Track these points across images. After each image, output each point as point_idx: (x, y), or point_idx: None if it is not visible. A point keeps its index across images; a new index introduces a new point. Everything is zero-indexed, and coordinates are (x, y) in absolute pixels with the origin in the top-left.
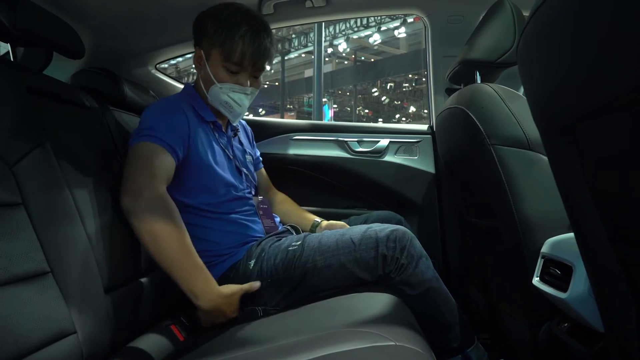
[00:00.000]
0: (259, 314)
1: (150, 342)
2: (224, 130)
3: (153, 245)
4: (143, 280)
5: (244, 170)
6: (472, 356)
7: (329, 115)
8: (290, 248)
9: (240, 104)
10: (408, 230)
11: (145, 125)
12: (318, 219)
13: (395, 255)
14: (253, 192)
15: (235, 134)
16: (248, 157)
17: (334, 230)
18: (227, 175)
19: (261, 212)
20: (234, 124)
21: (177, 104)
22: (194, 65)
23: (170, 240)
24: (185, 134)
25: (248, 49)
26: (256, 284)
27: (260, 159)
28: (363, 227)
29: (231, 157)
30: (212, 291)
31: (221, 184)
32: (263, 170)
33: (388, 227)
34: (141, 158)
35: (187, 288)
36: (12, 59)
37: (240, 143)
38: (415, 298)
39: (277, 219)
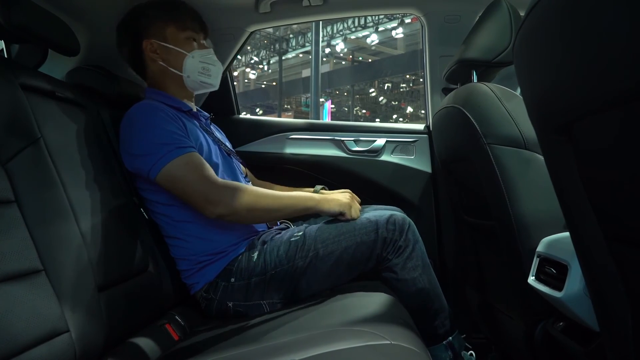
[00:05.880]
0: (265, 309)
1: (145, 341)
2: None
3: (260, 214)
4: (137, 278)
5: (234, 157)
6: (455, 343)
7: (326, 113)
8: (292, 239)
9: (214, 64)
10: (406, 216)
11: (146, 141)
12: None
13: (394, 237)
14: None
15: (210, 122)
16: (229, 146)
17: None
18: (219, 162)
19: None
20: (217, 88)
21: (155, 105)
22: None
23: (260, 202)
24: (183, 127)
25: (193, 14)
26: None
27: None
28: (362, 214)
29: (218, 143)
30: (319, 197)
31: (217, 172)
32: None
33: (387, 212)
34: (187, 173)
35: (305, 208)
36: (6, 56)
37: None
38: (409, 282)
39: None
